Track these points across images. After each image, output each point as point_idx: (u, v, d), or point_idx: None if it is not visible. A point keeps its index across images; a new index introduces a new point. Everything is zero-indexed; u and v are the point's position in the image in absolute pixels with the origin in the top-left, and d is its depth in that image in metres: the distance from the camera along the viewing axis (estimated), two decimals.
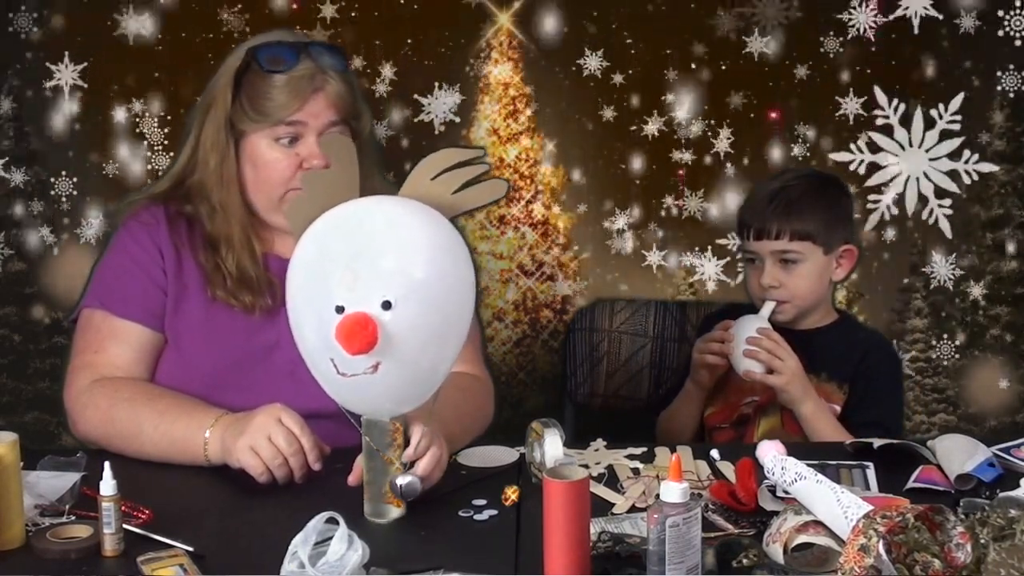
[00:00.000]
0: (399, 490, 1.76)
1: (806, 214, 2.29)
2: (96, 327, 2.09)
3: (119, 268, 2.12)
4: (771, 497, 1.79)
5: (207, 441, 1.91)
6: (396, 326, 1.67)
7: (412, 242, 1.73)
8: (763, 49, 2.78)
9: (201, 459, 1.92)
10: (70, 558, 1.66)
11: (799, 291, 2.31)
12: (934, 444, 1.99)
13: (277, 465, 1.84)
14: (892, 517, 1.51)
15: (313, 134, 2.05)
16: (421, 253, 1.73)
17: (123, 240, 2.15)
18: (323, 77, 2.05)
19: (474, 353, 2.18)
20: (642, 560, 1.58)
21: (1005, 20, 2.76)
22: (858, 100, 2.79)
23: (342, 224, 1.76)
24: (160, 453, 1.95)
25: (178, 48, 2.75)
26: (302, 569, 1.53)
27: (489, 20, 2.78)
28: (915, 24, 2.77)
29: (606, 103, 2.80)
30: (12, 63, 2.76)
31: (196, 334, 2.07)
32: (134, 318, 2.08)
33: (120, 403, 2.00)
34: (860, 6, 2.76)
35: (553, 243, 2.87)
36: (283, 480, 1.86)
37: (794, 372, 2.23)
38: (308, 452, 1.85)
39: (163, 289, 2.09)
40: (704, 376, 2.34)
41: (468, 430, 2.05)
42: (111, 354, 2.07)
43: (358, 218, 1.76)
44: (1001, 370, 2.88)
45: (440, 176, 1.81)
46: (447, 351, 1.78)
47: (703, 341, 2.33)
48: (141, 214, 2.14)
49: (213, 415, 1.94)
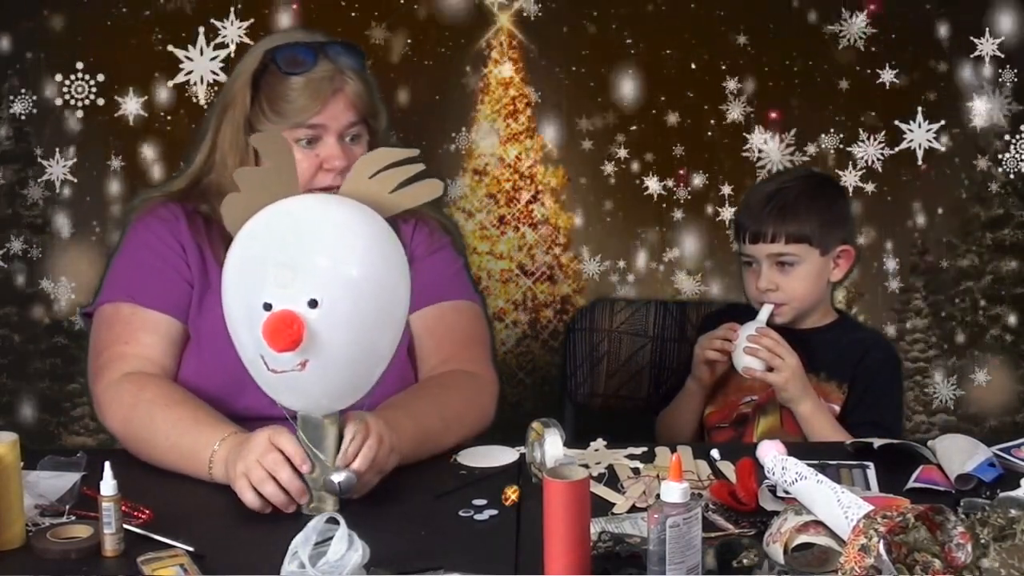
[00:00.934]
0: (337, 487, 1.75)
1: (801, 216, 2.29)
2: (125, 319, 2.07)
3: (141, 262, 2.10)
4: (771, 497, 1.79)
5: (212, 461, 1.87)
6: (323, 324, 1.68)
7: (343, 240, 1.73)
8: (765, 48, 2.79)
9: (207, 476, 1.88)
10: (70, 558, 1.66)
11: (796, 293, 2.31)
12: (934, 444, 1.99)
13: (269, 492, 1.77)
14: (892, 517, 1.51)
15: (333, 135, 2.04)
16: (352, 252, 1.73)
17: (141, 235, 2.12)
18: (342, 78, 2.04)
19: (480, 352, 2.17)
20: (642, 560, 1.58)
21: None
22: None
23: (275, 222, 1.76)
24: (170, 463, 1.92)
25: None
26: (302, 569, 1.53)
27: (489, 20, 2.78)
28: None
29: (606, 102, 2.80)
30: (12, 63, 2.77)
31: (218, 333, 2.05)
32: (163, 309, 2.06)
33: (141, 404, 1.97)
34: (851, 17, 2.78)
35: (553, 243, 2.87)
36: (282, 506, 1.78)
37: (794, 371, 2.23)
38: (287, 484, 1.76)
39: (188, 282, 2.08)
40: (705, 372, 2.34)
41: (453, 425, 2.03)
42: (143, 345, 2.04)
43: (292, 216, 1.76)
44: (1001, 370, 2.88)
45: (378, 175, 1.81)
46: (380, 349, 1.78)
47: (707, 338, 2.33)
48: (158, 210, 2.13)
49: (222, 432, 1.88)
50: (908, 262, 2.87)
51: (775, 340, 2.24)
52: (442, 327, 2.15)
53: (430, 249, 2.20)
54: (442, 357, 2.13)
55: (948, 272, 2.87)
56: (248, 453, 1.78)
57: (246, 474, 1.77)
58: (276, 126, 2.04)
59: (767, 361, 2.24)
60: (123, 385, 2.01)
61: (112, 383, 2.02)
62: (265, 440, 1.78)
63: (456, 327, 2.16)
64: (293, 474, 1.76)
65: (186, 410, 1.95)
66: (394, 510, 1.81)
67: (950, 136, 2.82)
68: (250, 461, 1.77)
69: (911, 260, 2.87)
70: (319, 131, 2.04)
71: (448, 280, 2.21)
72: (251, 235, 1.76)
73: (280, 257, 1.70)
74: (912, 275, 2.87)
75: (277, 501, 1.77)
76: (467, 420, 2.06)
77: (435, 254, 2.20)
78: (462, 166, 2.84)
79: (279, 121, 2.04)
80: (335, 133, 2.04)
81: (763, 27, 2.80)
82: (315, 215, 1.76)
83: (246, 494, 1.78)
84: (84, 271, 2.83)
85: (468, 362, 2.13)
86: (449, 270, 2.22)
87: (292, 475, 1.76)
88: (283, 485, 1.76)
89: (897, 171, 2.83)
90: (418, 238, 2.20)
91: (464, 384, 2.10)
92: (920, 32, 2.80)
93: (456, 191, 2.84)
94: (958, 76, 2.81)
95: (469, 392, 2.11)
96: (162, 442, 1.92)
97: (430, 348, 2.15)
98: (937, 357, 2.88)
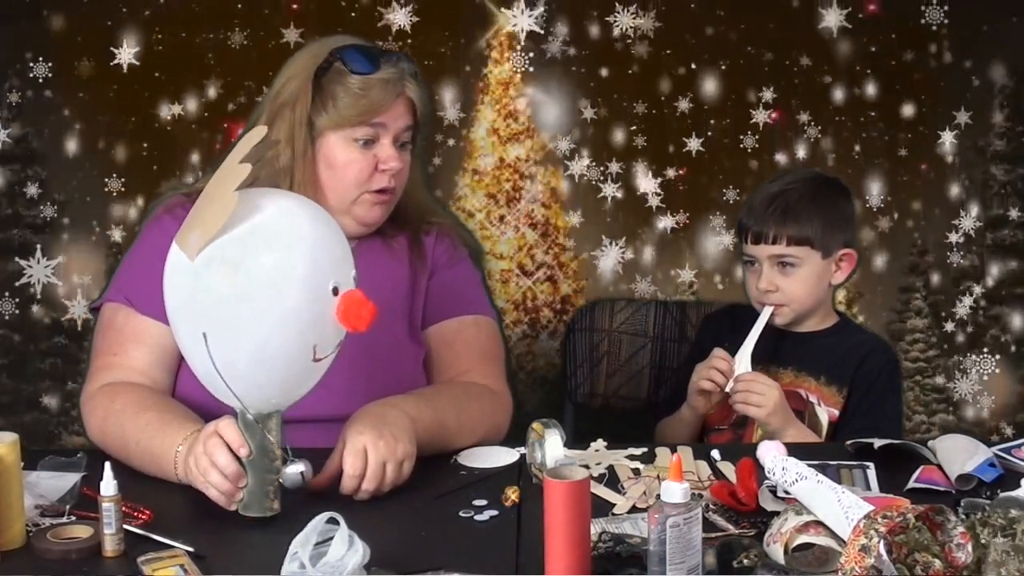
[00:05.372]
0: (301, 478, 1.75)
1: (803, 219, 2.28)
2: (118, 328, 2.07)
3: (146, 262, 2.05)
4: (772, 497, 1.79)
5: (176, 462, 1.85)
6: None
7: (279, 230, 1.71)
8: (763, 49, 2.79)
9: (174, 478, 1.86)
10: (71, 558, 1.66)
11: (796, 295, 2.31)
12: (935, 444, 1.99)
13: (214, 481, 1.74)
14: (893, 517, 1.51)
15: (389, 136, 2.05)
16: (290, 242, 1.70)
17: (153, 233, 2.10)
18: (403, 82, 2.06)
19: (497, 369, 2.17)
20: (643, 560, 1.58)
21: None
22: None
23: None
24: (145, 468, 1.91)
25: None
26: (303, 569, 1.53)
27: (489, 20, 2.78)
28: None
29: (606, 102, 2.81)
30: (12, 62, 2.77)
31: None
32: (158, 316, 2.01)
33: (112, 415, 1.97)
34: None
35: (553, 243, 2.87)
36: (227, 494, 1.75)
37: (775, 404, 2.20)
38: (224, 468, 1.74)
39: None
40: (700, 403, 2.31)
41: (466, 430, 2.03)
42: (130, 357, 2.04)
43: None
44: (1001, 370, 2.88)
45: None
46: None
47: (702, 367, 2.30)
48: (177, 210, 2.08)
49: (185, 432, 1.86)
50: (908, 262, 2.87)
51: (749, 380, 2.23)
52: (460, 341, 2.16)
53: (451, 261, 2.20)
54: (460, 370, 2.13)
55: (948, 272, 2.87)
56: (196, 444, 1.78)
57: (195, 465, 1.77)
58: (338, 124, 2.04)
59: (743, 403, 2.22)
60: (97, 398, 2.01)
61: (91, 395, 2.03)
62: (210, 429, 1.78)
63: (474, 342, 2.17)
64: (231, 457, 1.74)
65: (153, 415, 1.93)
66: (394, 510, 1.81)
67: (950, 136, 2.82)
68: (197, 451, 1.77)
69: (911, 260, 2.87)
70: (378, 131, 2.05)
71: (468, 293, 2.21)
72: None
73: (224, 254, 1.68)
74: (912, 275, 2.87)
75: (222, 489, 1.75)
76: (479, 430, 2.06)
77: (455, 267, 2.21)
78: (462, 166, 2.84)
79: (342, 120, 2.04)
80: (392, 135, 2.06)
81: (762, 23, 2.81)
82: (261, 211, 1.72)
83: (197, 483, 1.78)
84: (84, 271, 2.83)
85: (485, 378, 2.13)
86: (469, 283, 2.23)
87: (230, 459, 1.74)
88: (219, 468, 1.74)
89: (897, 171, 2.84)
90: (439, 249, 2.20)
91: (484, 397, 2.11)
92: (920, 32, 2.80)
93: (456, 191, 2.84)
94: (958, 75, 2.81)
95: (487, 405, 2.11)
96: (133, 449, 1.92)
97: (448, 360, 2.15)
98: (937, 357, 2.88)
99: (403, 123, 2.07)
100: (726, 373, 2.26)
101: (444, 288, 2.16)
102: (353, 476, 1.80)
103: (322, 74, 2.06)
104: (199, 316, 1.70)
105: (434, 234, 2.21)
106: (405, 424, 1.87)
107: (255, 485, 1.75)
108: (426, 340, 2.16)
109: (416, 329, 2.16)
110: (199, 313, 1.70)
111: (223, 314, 1.68)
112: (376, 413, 1.87)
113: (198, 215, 1.71)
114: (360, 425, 1.84)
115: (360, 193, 2.06)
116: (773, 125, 2.82)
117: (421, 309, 2.17)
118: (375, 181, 2.06)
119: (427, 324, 2.17)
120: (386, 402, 1.92)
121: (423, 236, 2.18)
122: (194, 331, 1.71)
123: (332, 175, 2.06)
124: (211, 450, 1.75)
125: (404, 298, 2.15)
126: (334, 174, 2.06)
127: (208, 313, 1.69)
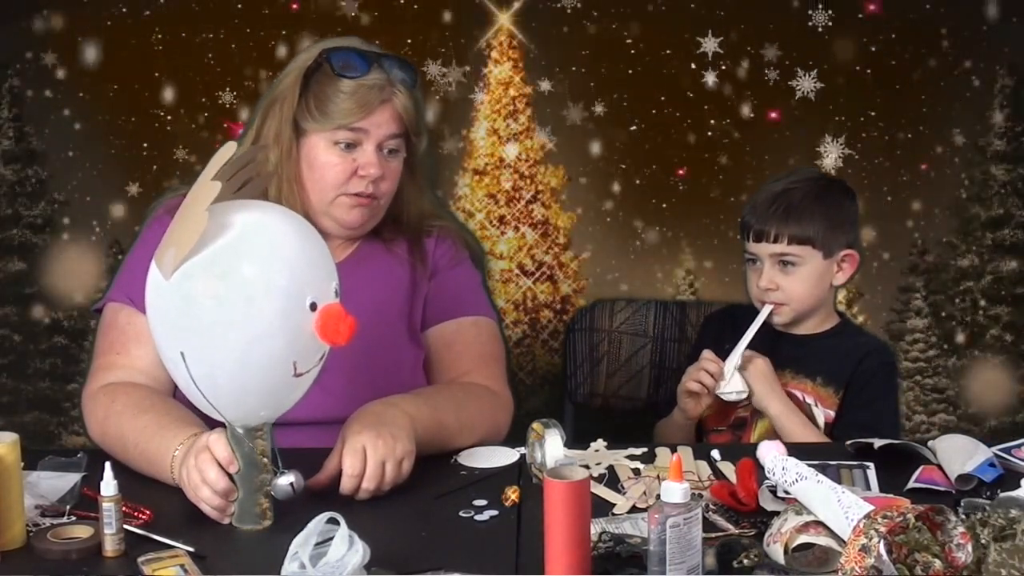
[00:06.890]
0: (290, 489, 1.75)
1: (805, 218, 2.28)
2: (121, 327, 2.07)
3: (147, 261, 2.05)
4: (772, 497, 1.79)
5: (172, 466, 1.84)
6: None
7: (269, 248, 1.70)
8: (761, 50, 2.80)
9: (172, 481, 1.85)
10: (71, 558, 1.66)
11: (796, 294, 2.31)
12: (935, 444, 1.99)
13: (204, 497, 1.74)
14: (893, 517, 1.51)
15: (373, 143, 2.04)
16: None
17: (154, 233, 2.08)
18: (391, 89, 2.05)
19: (497, 371, 2.17)
20: (643, 560, 1.58)
21: None
22: None
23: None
24: (143, 470, 1.90)
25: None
26: (303, 570, 1.53)
27: (489, 20, 2.78)
28: None
29: (606, 102, 2.81)
30: (13, 62, 2.77)
31: None
32: None
33: (112, 415, 1.97)
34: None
35: (553, 243, 2.87)
36: (219, 509, 1.75)
37: (760, 371, 2.24)
38: (213, 484, 1.73)
39: None
40: (689, 405, 2.31)
41: (465, 429, 2.03)
42: (132, 356, 2.04)
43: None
44: (1001, 370, 2.88)
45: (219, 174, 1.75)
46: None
47: (693, 368, 2.31)
48: (176, 209, 2.10)
49: (183, 436, 1.84)
50: (908, 262, 2.87)
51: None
52: (460, 342, 2.15)
53: (451, 263, 2.20)
54: (460, 371, 2.13)
55: (948, 272, 2.87)
56: (188, 457, 1.78)
57: (187, 479, 1.77)
58: (320, 125, 2.04)
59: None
60: (98, 397, 2.01)
61: (92, 394, 2.03)
62: (201, 444, 1.77)
63: (474, 343, 2.16)
64: (221, 473, 1.73)
65: (152, 417, 1.93)
66: (394, 510, 1.81)
67: (951, 135, 2.82)
68: (189, 464, 1.77)
69: (911, 260, 2.87)
70: (360, 136, 2.04)
71: (468, 295, 2.21)
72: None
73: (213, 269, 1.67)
74: (912, 275, 2.87)
75: (213, 504, 1.75)
76: (479, 430, 2.05)
77: (456, 268, 2.21)
78: (462, 166, 2.84)
79: (324, 121, 2.04)
80: (375, 141, 2.05)
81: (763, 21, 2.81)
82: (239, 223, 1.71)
83: (190, 497, 1.77)
84: (84, 271, 2.83)
85: (485, 379, 2.13)
86: (469, 285, 2.22)
87: (220, 474, 1.73)
88: (209, 484, 1.73)
89: (897, 170, 2.84)
90: (439, 251, 2.20)
91: (484, 397, 2.10)
92: (919, 31, 2.80)
93: (456, 191, 2.84)
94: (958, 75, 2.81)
95: (487, 406, 2.11)
96: (132, 450, 1.91)
97: (448, 361, 2.15)
98: (937, 357, 2.88)
99: (387, 130, 2.05)
100: (715, 375, 2.26)
101: (444, 290, 2.16)
102: (352, 476, 1.80)
103: (311, 74, 2.06)
104: (178, 332, 1.69)
105: (435, 236, 2.21)
106: (404, 423, 1.87)
107: (246, 498, 1.75)
108: (426, 341, 2.16)
109: (416, 332, 2.16)
110: (179, 328, 1.68)
111: (201, 331, 1.66)
112: (374, 412, 1.87)
113: (173, 233, 1.70)
114: (358, 424, 1.84)
115: (337, 195, 2.06)
116: (773, 125, 2.82)
117: (421, 312, 2.17)
118: (352, 185, 2.05)
119: (427, 325, 2.17)
120: (385, 401, 1.92)
121: (424, 239, 2.18)
122: (173, 348, 1.70)
123: (311, 175, 2.07)
124: (201, 466, 1.74)
125: (404, 301, 2.15)
126: (312, 174, 2.07)
127: (187, 329, 1.67)
